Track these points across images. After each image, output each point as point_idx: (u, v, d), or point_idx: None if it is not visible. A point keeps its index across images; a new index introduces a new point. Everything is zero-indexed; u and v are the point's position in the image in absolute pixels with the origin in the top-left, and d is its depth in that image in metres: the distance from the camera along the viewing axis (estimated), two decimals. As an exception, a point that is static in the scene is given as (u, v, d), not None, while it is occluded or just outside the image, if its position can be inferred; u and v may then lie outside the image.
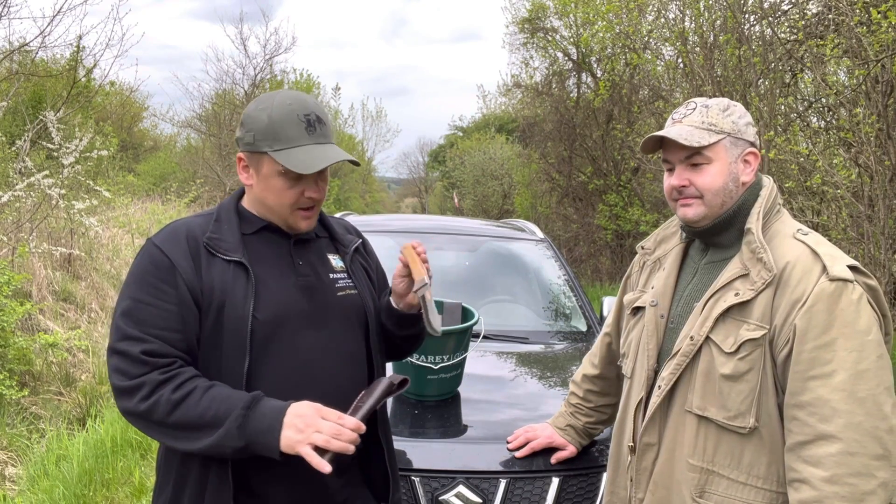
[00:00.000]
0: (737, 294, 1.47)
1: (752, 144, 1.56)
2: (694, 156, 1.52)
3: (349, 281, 1.66)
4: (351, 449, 1.36)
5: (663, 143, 1.56)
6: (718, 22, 7.27)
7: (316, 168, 1.45)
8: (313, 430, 1.33)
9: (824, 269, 1.41)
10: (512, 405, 2.45)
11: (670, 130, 1.54)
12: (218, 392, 1.39)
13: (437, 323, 1.54)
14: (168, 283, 1.44)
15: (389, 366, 2.38)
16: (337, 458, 1.55)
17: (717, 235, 1.59)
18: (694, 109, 1.56)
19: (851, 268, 1.42)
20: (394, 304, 1.66)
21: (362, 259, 1.76)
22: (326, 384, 1.51)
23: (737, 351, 1.45)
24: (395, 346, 1.79)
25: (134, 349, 1.39)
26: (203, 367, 1.47)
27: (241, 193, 1.63)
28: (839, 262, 1.42)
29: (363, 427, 1.38)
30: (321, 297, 1.58)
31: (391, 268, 1.70)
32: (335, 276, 1.64)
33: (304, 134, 1.47)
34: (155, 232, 1.56)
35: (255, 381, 1.46)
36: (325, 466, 1.33)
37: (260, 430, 1.35)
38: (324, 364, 1.53)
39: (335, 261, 1.67)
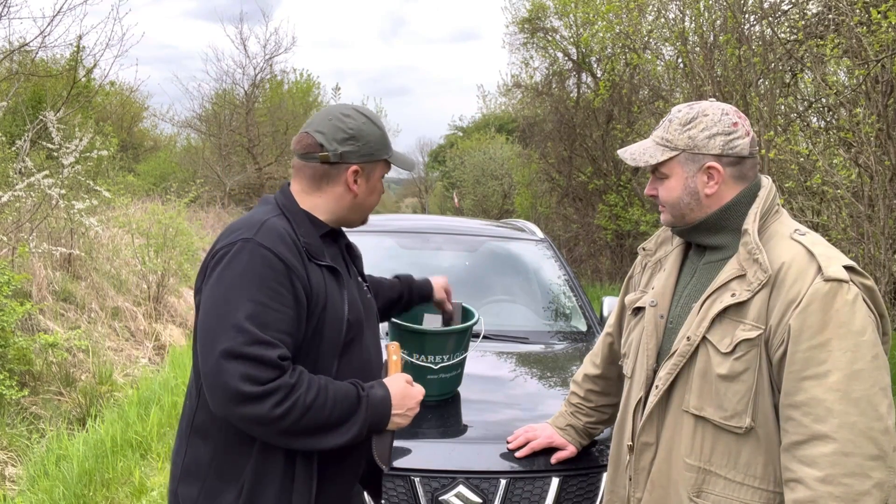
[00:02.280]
0: (733, 294, 1.48)
1: (720, 157, 1.53)
2: (656, 170, 1.60)
3: (364, 282, 1.81)
4: None
5: None
6: (718, 22, 7.26)
7: (414, 164, 1.79)
8: (413, 411, 1.61)
9: (819, 269, 1.41)
10: (512, 405, 2.45)
11: (628, 147, 1.64)
12: (335, 390, 1.47)
13: (385, 460, 1.62)
14: (284, 287, 1.44)
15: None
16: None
17: (707, 237, 1.61)
18: (663, 122, 1.61)
19: (848, 268, 1.42)
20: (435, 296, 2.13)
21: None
22: (376, 377, 1.65)
23: (733, 351, 1.46)
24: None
25: (270, 353, 1.38)
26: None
27: (290, 196, 1.63)
28: (835, 262, 1.43)
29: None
30: (366, 298, 1.74)
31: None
32: (359, 278, 1.78)
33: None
34: (257, 232, 1.50)
35: (340, 380, 1.54)
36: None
37: (375, 421, 1.52)
38: (375, 359, 1.68)
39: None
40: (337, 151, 1.58)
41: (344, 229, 1.80)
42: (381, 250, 3.58)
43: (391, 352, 1.70)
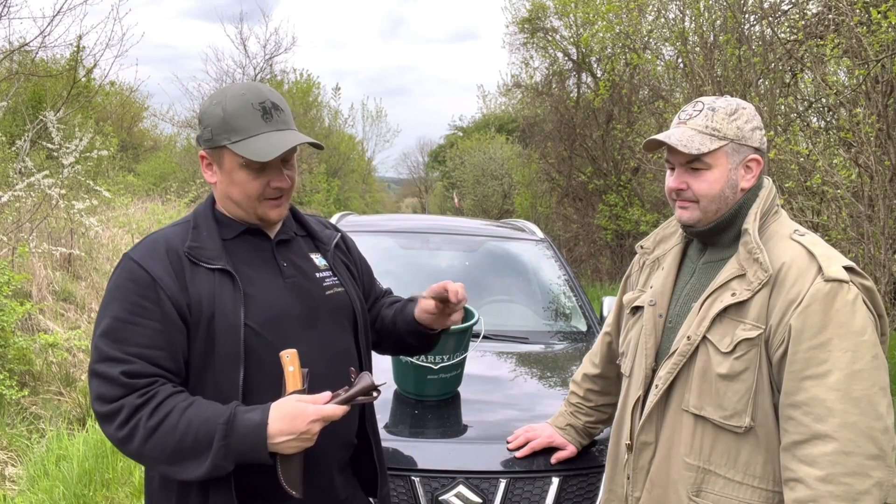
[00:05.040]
0: (733, 294, 1.48)
1: (758, 150, 1.55)
2: (694, 161, 1.53)
3: (335, 279, 1.64)
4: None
5: (665, 144, 1.56)
6: (718, 22, 7.27)
7: (273, 155, 1.40)
8: (310, 432, 1.35)
9: (820, 269, 1.42)
10: (512, 405, 2.45)
11: (672, 133, 1.54)
12: (194, 412, 1.34)
13: (295, 486, 1.40)
14: (149, 300, 1.38)
15: (389, 363, 2.39)
16: (338, 456, 1.58)
17: (716, 236, 1.59)
18: (700, 111, 1.54)
19: (847, 269, 1.43)
20: (418, 320, 1.70)
21: (342, 254, 1.74)
22: (321, 385, 1.47)
23: (733, 350, 1.46)
24: (401, 345, 1.82)
25: (113, 370, 1.33)
26: (197, 381, 1.43)
27: (208, 198, 1.59)
28: (835, 262, 1.43)
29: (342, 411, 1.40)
30: (310, 298, 1.55)
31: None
32: (321, 274, 1.62)
33: (260, 122, 1.43)
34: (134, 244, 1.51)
35: (252, 389, 1.43)
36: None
37: (245, 451, 1.33)
38: (318, 365, 1.49)
39: (318, 259, 1.65)
40: (196, 135, 1.52)
41: (315, 224, 1.71)
42: (380, 250, 3.58)
43: (286, 363, 1.42)
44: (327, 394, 1.40)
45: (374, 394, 1.47)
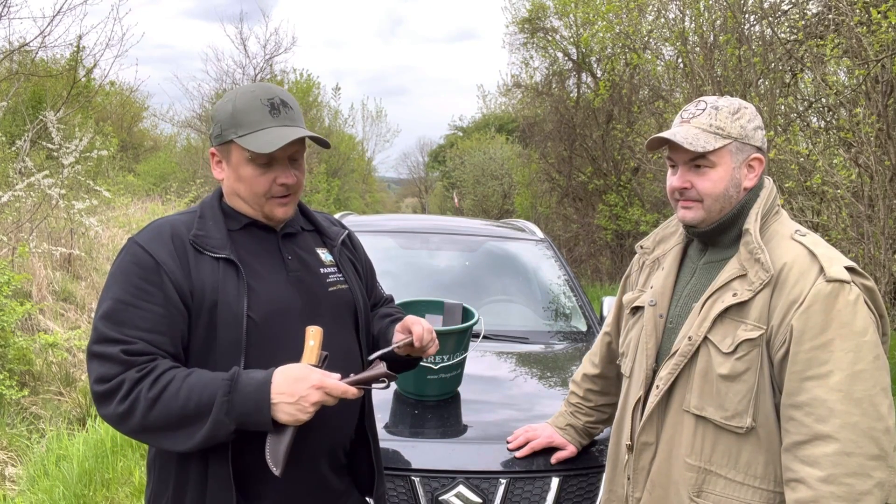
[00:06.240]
0: (735, 294, 1.48)
1: (759, 149, 1.55)
2: (698, 158, 1.53)
3: (339, 275, 1.64)
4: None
5: (669, 142, 1.55)
6: (718, 22, 7.26)
7: (277, 145, 1.41)
8: (309, 400, 1.32)
9: (821, 270, 1.42)
10: (511, 405, 2.45)
11: (677, 132, 1.54)
12: (196, 379, 1.34)
13: (277, 462, 1.35)
14: (153, 284, 1.39)
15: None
16: (335, 452, 1.57)
17: (718, 236, 1.59)
18: (703, 110, 1.54)
19: (848, 269, 1.43)
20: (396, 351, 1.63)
21: (349, 252, 1.74)
22: None
23: (734, 351, 1.46)
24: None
25: (112, 349, 1.34)
26: (196, 367, 1.42)
27: (216, 191, 1.60)
28: (836, 263, 1.43)
29: (346, 391, 1.36)
30: (313, 292, 1.56)
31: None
32: (325, 270, 1.62)
33: (267, 117, 1.45)
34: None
35: None
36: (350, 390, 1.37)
37: (247, 411, 1.32)
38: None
39: (324, 255, 1.65)
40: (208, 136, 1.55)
41: (321, 219, 1.70)
42: (380, 250, 3.58)
43: (308, 336, 1.43)
44: (338, 374, 1.39)
45: (385, 381, 1.44)
